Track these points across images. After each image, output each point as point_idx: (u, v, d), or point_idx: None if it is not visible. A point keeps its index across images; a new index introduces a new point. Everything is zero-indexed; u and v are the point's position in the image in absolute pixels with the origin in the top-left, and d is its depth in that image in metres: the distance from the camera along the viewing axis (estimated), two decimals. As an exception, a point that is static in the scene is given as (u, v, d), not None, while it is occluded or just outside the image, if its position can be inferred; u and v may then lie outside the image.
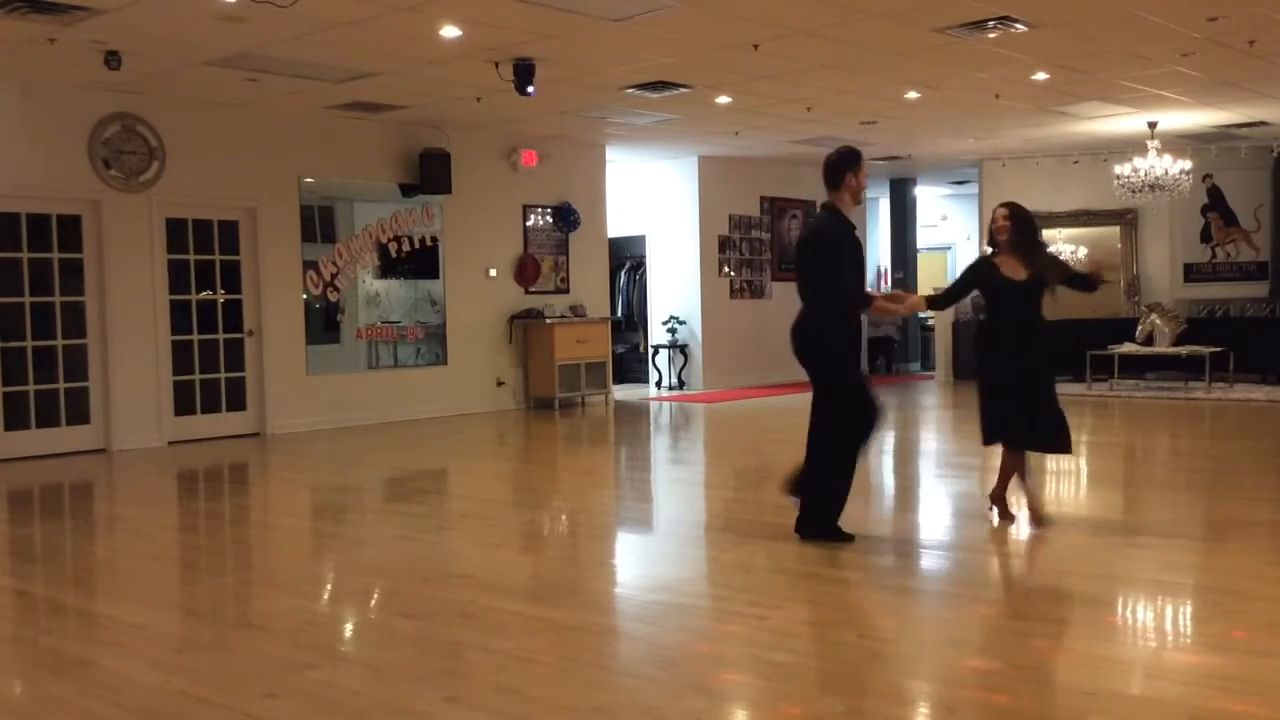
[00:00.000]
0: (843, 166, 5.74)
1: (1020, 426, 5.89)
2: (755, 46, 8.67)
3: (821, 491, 5.63)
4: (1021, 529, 6.00)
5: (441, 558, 5.84)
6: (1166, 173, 12.77)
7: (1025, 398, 5.85)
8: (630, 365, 16.39)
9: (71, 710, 3.56)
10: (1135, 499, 7.38)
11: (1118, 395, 13.02)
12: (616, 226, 14.82)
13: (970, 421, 11.25)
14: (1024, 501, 6.08)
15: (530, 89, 9.19)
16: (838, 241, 5.66)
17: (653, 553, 6.08)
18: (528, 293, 13.32)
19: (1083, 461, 9.14)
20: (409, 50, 8.69)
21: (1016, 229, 5.94)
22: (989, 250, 6.15)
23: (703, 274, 15.15)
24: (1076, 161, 15.32)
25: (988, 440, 6.05)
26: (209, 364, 10.75)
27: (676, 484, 8.69)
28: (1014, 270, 5.89)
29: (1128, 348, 13.64)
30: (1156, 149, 12.86)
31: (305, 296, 11.39)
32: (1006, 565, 5.45)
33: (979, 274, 6.07)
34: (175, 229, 10.48)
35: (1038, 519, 5.94)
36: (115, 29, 7.87)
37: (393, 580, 5.23)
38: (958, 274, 6.72)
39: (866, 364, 17.54)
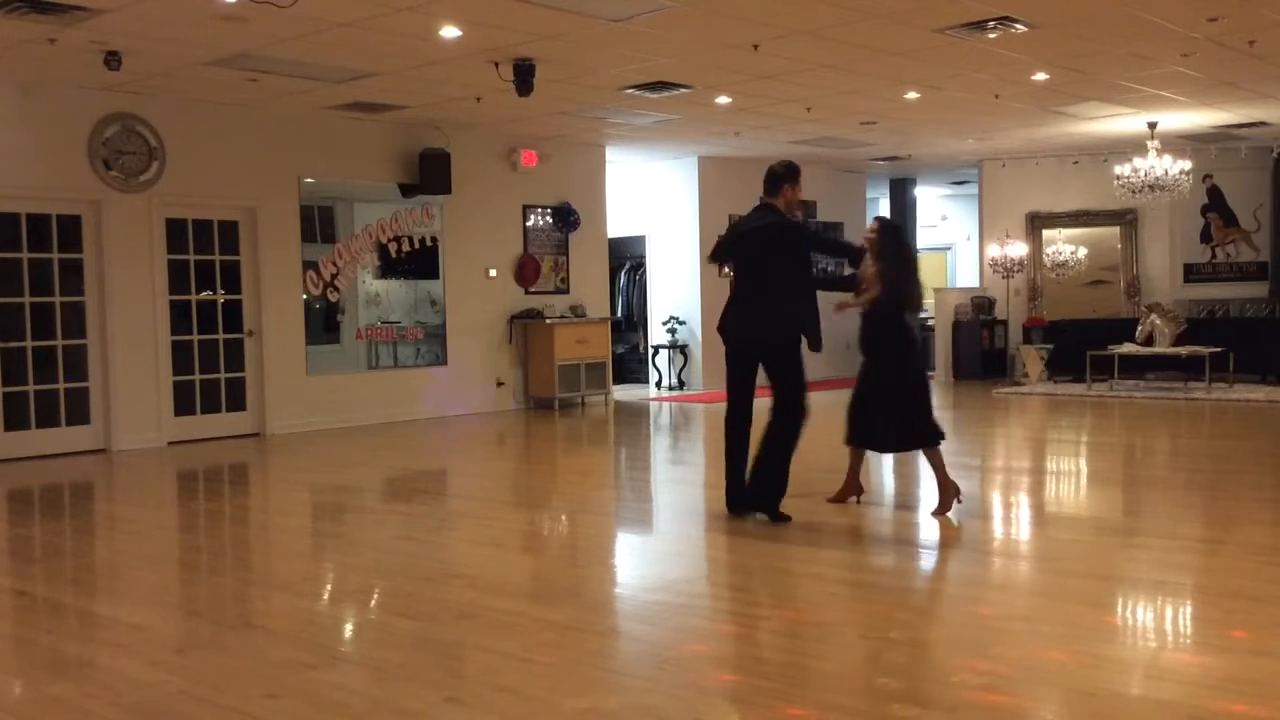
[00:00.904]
0: (783, 178, 6.28)
1: (860, 426, 6.40)
2: (755, 46, 8.67)
3: (784, 471, 6.03)
4: (1023, 529, 6.00)
5: (441, 558, 5.84)
6: (1166, 173, 12.77)
7: (868, 399, 6.33)
8: (630, 365, 16.39)
9: (71, 710, 3.56)
10: (1135, 499, 7.38)
11: (1117, 396, 13.02)
12: (616, 226, 14.82)
13: (971, 422, 11.26)
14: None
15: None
16: (805, 225, 6.07)
17: (653, 553, 6.08)
18: (528, 293, 13.32)
19: (1083, 462, 9.14)
20: (409, 50, 8.69)
21: (879, 244, 6.40)
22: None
23: (703, 274, 15.13)
24: (1076, 162, 15.33)
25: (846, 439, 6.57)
26: (209, 364, 10.75)
27: (676, 484, 8.69)
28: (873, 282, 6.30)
29: (1128, 348, 13.63)
30: (1156, 149, 12.85)
31: (305, 297, 11.39)
32: (1006, 565, 5.45)
33: (856, 279, 6.48)
34: (175, 229, 10.48)
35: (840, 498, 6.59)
36: (115, 29, 7.87)
37: (393, 580, 5.23)
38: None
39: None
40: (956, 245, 20.70)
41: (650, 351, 15.74)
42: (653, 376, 15.67)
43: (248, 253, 10.96)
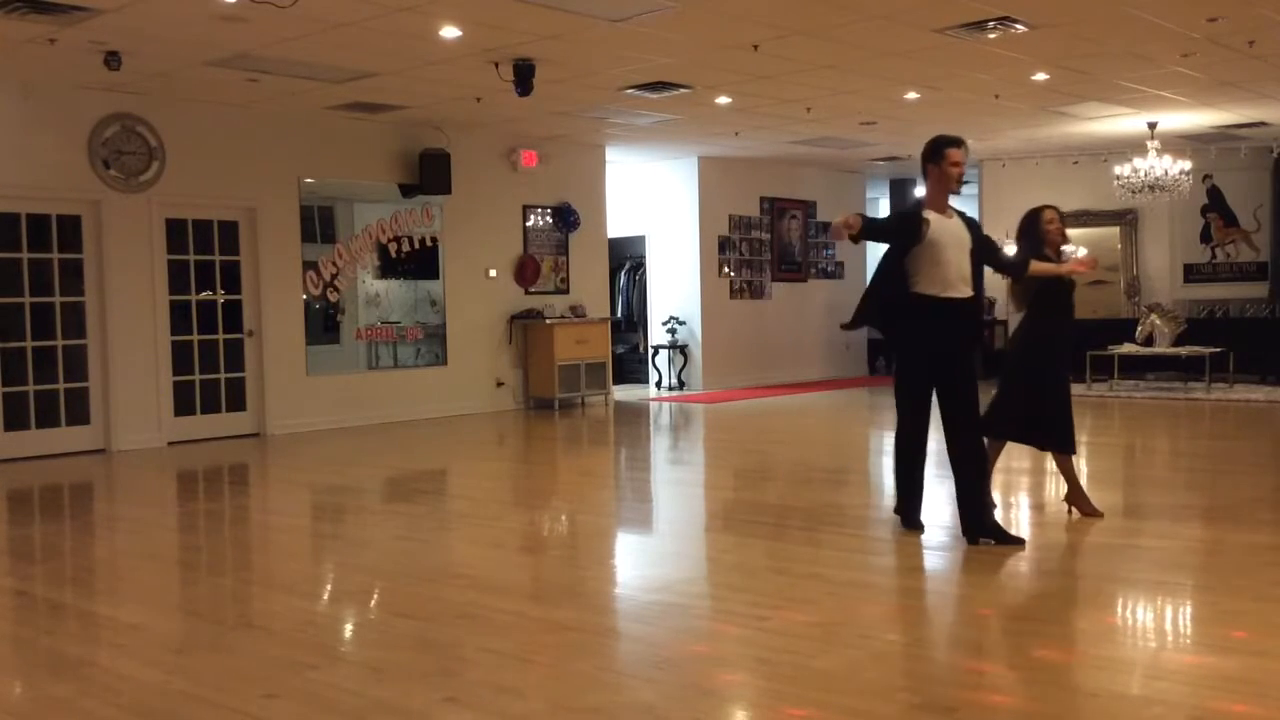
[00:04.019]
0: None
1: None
2: (755, 47, 8.67)
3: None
4: (1023, 528, 6.00)
5: (441, 558, 5.84)
6: (1166, 173, 12.77)
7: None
8: (630, 365, 16.39)
9: (71, 710, 3.56)
10: (1135, 499, 7.38)
11: (1117, 396, 13.02)
12: (616, 227, 14.82)
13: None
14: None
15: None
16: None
17: (652, 553, 6.08)
18: (528, 293, 13.32)
19: (1083, 462, 9.13)
20: (409, 50, 8.69)
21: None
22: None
23: (702, 274, 15.14)
24: (1076, 162, 15.32)
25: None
26: (209, 364, 10.74)
27: (676, 484, 8.69)
28: None
29: (1127, 348, 13.63)
30: (1156, 149, 12.86)
31: (305, 297, 11.39)
32: (1007, 566, 5.44)
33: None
34: (175, 229, 10.48)
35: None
36: (115, 29, 7.87)
37: (393, 580, 5.23)
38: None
39: (867, 365, 17.57)
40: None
41: (650, 352, 15.74)
42: (653, 377, 15.67)
43: (248, 253, 10.96)
